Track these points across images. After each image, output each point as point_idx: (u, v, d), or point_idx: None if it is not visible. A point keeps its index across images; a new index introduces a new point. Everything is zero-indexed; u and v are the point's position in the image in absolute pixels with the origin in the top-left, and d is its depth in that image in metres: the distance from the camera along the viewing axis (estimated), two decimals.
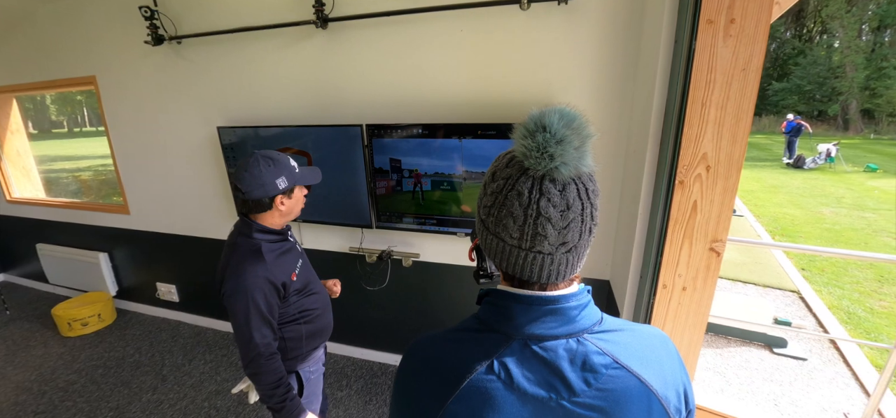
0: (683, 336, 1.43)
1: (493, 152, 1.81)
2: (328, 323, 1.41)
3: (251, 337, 1.11)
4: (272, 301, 1.15)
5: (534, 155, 0.47)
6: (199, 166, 2.51)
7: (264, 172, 1.13)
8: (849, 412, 1.86)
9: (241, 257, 1.14)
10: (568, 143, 0.47)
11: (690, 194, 1.30)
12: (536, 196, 0.48)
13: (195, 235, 2.73)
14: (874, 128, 19.59)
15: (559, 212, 0.48)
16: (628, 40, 1.62)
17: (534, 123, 0.48)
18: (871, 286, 3.56)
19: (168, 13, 2.18)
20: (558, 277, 0.52)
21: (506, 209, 0.50)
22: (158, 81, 2.40)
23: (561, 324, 0.51)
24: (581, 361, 0.49)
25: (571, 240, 0.50)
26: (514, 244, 0.51)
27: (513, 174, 0.50)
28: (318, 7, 1.88)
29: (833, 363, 2.22)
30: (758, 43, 1.15)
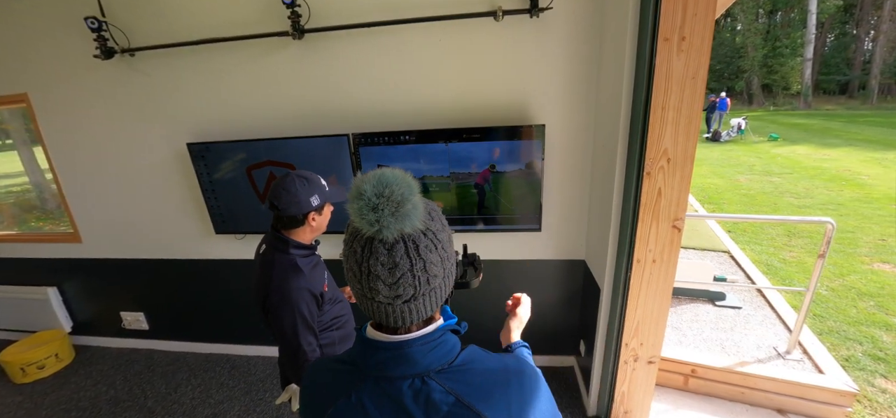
0: (656, 301, 1.69)
1: (478, 154, 1.95)
2: (353, 325, 1.52)
3: (299, 345, 1.20)
4: (313, 310, 1.25)
5: (357, 220, 0.52)
6: (166, 185, 2.37)
7: (300, 191, 1.20)
8: (777, 345, 2.29)
9: (282, 272, 1.21)
10: (381, 210, 0.50)
11: (656, 183, 1.54)
12: (367, 255, 0.53)
13: (165, 257, 2.57)
14: (773, 101, 22.65)
15: (387, 269, 0.52)
16: (591, 48, 1.82)
17: (354, 190, 0.53)
18: (782, 241, 4.26)
19: (118, 24, 2.02)
20: (404, 322, 0.56)
21: (348, 264, 0.56)
22: (111, 97, 2.21)
23: (403, 366, 0.55)
24: (424, 400, 0.53)
25: (405, 294, 0.53)
26: (360, 292, 0.56)
27: (352, 233, 0.56)
28: (295, 18, 1.87)
29: (761, 308, 2.70)
30: (703, 55, 1.40)
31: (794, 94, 22.03)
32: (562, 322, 2.35)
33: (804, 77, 21.01)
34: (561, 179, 2.05)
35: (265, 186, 2.19)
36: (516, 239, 2.19)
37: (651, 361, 1.80)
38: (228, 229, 2.32)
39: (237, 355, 2.72)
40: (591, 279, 2.03)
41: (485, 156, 1.96)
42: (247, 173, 2.17)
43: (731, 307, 2.72)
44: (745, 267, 3.35)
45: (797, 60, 21.20)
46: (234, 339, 2.75)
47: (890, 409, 2.01)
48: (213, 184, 2.23)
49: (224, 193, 2.24)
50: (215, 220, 2.31)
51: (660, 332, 1.74)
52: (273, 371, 2.55)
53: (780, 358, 2.19)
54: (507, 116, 1.96)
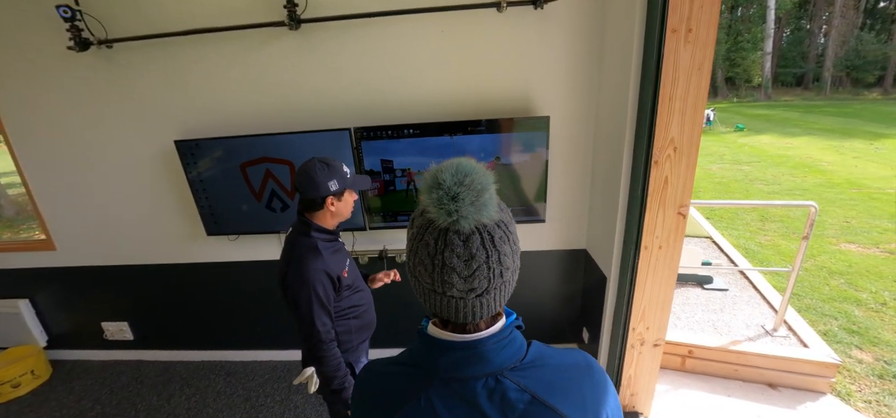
0: (662, 284, 1.74)
1: (483, 146, 1.94)
2: (373, 318, 1.54)
3: (313, 322, 1.25)
4: (329, 292, 1.29)
5: (433, 210, 0.51)
6: (150, 186, 2.23)
7: (318, 175, 1.25)
8: (764, 323, 2.42)
9: (301, 253, 1.26)
10: (462, 200, 0.49)
11: (663, 171, 1.58)
12: (441, 247, 0.51)
13: (150, 263, 2.43)
14: (736, 93, 23.85)
15: (463, 261, 0.51)
16: (592, 41, 1.84)
17: (431, 179, 0.51)
18: (756, 225, 4.51)
19: (94, 14, 1.88)
20: (475, 318, 0.55)
21: (418, 257, 0.54)
22: (88, 93, 2.06)
23: (478, 365, 0.54)
24: (499, 399, 0.52)
25: (479, 287, 0.52)
26: (429, 288, 0.54)
27: (423, 224, 0.53)
28: (291, 7, 1.79)
29: (746, 289, 2.84)
30: (708, 47, 1.44)
31: (755, 87, 23.28)
32: (564, 310, 2.40)
33: (764, 70, 22.25)
34: (563, 170, 2.08)
35: (261, 184, 2.10)
36: (520, 230, 2.20)
37: (656, 344, 1.86)
38: (221, 230, 2.22)
39: (233, 361, 2.62)
40: (595, 267, 2.07)
41: (490, 149, 1.95)
42: (241, 170, 2.08)
43: (719, 289, 2.85)
44: (727, 251, 3.52)
45: (758, 54, 22.40)
46: (229, 345, 2.64)
47: (867, 377, 2.18)
48: (203, 184, 2.12)
49: (216, 193, 2.13)
50: (206, 221, 2.20)
51: (665, 316, 1.80)
52: (271, 375, 2.47)
53: (768, 335, 2.32)
54: (510, 108, 1.96)
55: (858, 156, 7.29)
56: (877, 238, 3.86)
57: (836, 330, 2.55)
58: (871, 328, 2.56)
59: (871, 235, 3.93)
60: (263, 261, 2.37)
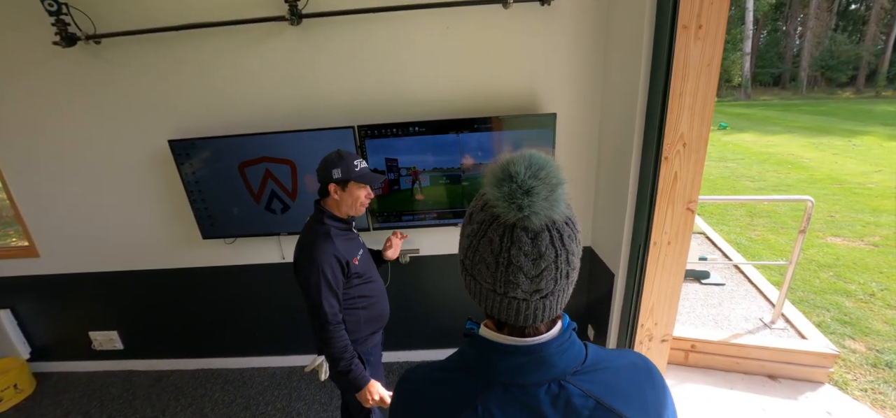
0: (670, 280, 1.75)
1: (490, 145, 1.92)
2: (384, 309, 1.55)
3: (321, 304, 1.29)
4: (338, 275, 1.33)
5: (502, 204, 0.48)
6: (142, 188, 2.14)
7: (328, 162, 1.34)
8: (762, 316, 2.47)
9: (313, 236, 1.34)
10: (536, 194, 0.47)
11: (672, 167, 1.58)
12: (508, 244, 0.48)
13: (142, 268, 2.33)
14: (717, 93, 24.50)
15: (531, 260, 0.48)
16: (598, 37, 1.84)
17: (501, 171, 0.49)
18: (745, 221, 4.62)
19: (81, 7, 1.78)
20: (536, 321, 0.52)
21: (479, 254, 0.51)
22: (74, 91, 1.96)
23: (541, 370, 0.51)
24: (563, 405, 0.49)
25: (546, 288, 0.50)
26: (489, 288, 0.51)
27: (486, 220, 0.50)
28: (292, 1, 1.74)
29: (742, 284, 2.90)
30: (718, 43, 1.45)
31: (735, 86, 23.93)
32: (568, 308, 2.39)
33: (744, 70, 22.89)
34: (568, 167, 2.07)
35: (260, 185, 2.04)
36: None
37: (664, 339, 1.87)
38: (217, 233, 2.14)
39: (230, 369, 2.54)
40: (601, 264, 2.07)
41: (496, 146, 1.94)
42: (239, 171, 2.01)
43: (716, 284, 2.90)
44: (721, 246, 3.59)
45: (737, 54, 23.03)
46: (226, 352, 2.55)
47: (861, 366, 2.24)
48: (199, 185, 2.04)
49: (212, 194, 2.06)
50: (202, 224, 2.12)
51: (672, 311, 1.82)
52: (271, 382, 2.40)
53: (767, 327, 2.37)
54: (516, 105, 1.95)
55: (837, 153, 7.56)
56: (860, 231, 4.00)
57: (830, 322, 2.62)
58: (862, 318, 2.64)
59: (855, 228, 4.07)
60: (262, 265, 2.30)
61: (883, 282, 3.05)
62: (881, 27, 21.07)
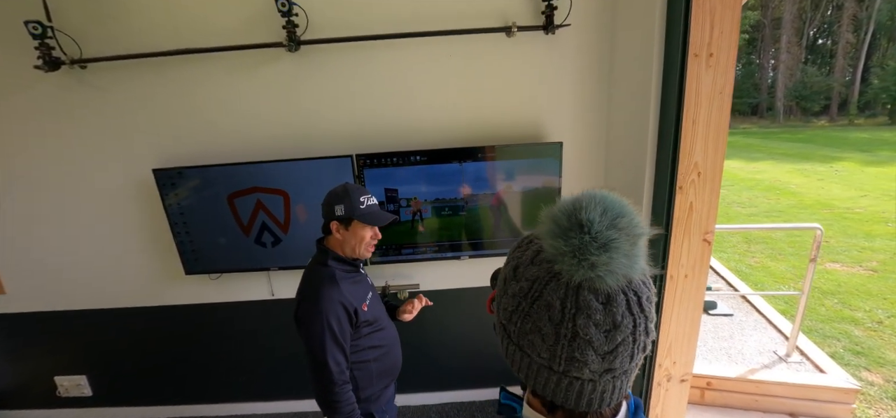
0: (687, 316, 1.66)
1: (495, 173, 1.85)
2: (397, 360, 1.41)
3: (325, 361, 1.13)
4: (345, 326, 1.18)
5: (567, 260, 0.38)
6: (121, 220, 1.99)
7: (332, 197, 1.21)
8: (776, 349, 2.38)
9: (316, 280, 1.19)
10: (616, 249, 0.37)
11: (687, 197, 1.52)
12: (572, 311, 0.38)
13: (116, 306, 2.15)
14: None
15: (603, 332, 0.38)
16: (603, 66, 1.82)
17: (567, 218, 0.39)
18: (742, 248, 4.61)
19: (67, 30, 1.70)
20: (601, 405, 0.42)
21: (531, 321, 0.40)
22: (53, 117, 1.84)
23: None
24: None
25: (620, 367, 0.40)
26: (544, 363, 0.41)
27: (541, 277, 0.40)
28: (291, 28, 1.68)
29: (750, 313, 2.83)
30: (729, 72, 1.42)
31: None
32: None
33: None
34: None
35: (250, 217, 1.91)
36: None
37: (683, 379, 1.76)
38: (202, 268, 1.99)
39: (212, 417, 2.31)
40: None
41: (501, 176, 1.86)
42: (228, 202, 1.89)
43: (724, 315, 2.82)
44: (724, 274, 3.54)
45: None
46: (208, 398, 2.34)
47: (882, 400, 2.14)
48: (184, 217, 1.90)
49: (198, 227, 1.92)
50: (186, 259, 1.97)
51: (692, 348, 1.71)
52: None
53: (783, 361, 2.27)
54: (520, 135, 1.89)
55: (822, 179, 7.75)
56: (857, 257, 4.00)
57: (843, 353, 2.54)
58: (874, 348, 2.57)
59: (851, 254, 4.08)
60: (250, 302, 2.14)
61: (888, 309, 3.01)
62: (848, 60, 22.36)
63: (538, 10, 1.73)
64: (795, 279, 3.64)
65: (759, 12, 24.63)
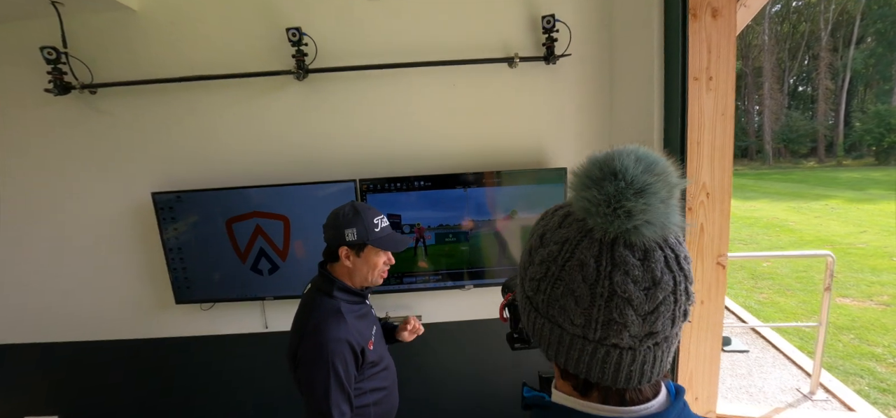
0: (707, 345, 1.57)
1: (500, 199, 1.83)
2: (395, 401, 1.28)
3: (329, 412, 0.98)
4: (351, 369, 1.04)
5: (602, 210, 0.36)
6: (110, 245, 1.93)
7: (341, 219, 1.07)
8: (799, 386, 2.25)
9: (320, 317, 1.03)
10: (653, 194, 0.35)
11: (698, 218, 1.49)
12: (607, 268, 0.36)
13: (97, 339, 2.02)
14: None
15: (642, 290, 0.35)
16: (603, 93, 1.86)
17: (599, 168, 0.37)
18: (749, 284, 4.53)
19: (81, 56, 1.73)
20: (642, 379, 0.38)
21: (563, 285, 0.38)
22: (55, 140, 1.83)
23: None
24: None
25: (661, 330, 0.37)
26: (578, 333, 0.38)
27: (571, 237, 0.38)
28: (300, 56, 1.72)
29: (766, 349, 2.70)
30: (729, 93, 1.45)
31: None
32: None
33: None
34: None
35: (248, 243, 1.85)
36: None
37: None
38: (193, 297, 1.90)
39: None
40: None
41: (507, 202, 1.84)
42: (226, 227, 1.84)
43: (740, 351, 2.69)
44: (735, 310, 3.43)
45: None
46: None
47: None
48: (179, 242, 1.84)
49: (192, 252, 1.86)
50: (177, 287, 1.88)
51: (714, 382, 1.61)
52: None
53: (808, 399, 2.14)
54: (524, 161, 1.90)
55: (819, 216, 7.80)
56: (867, 291, 3.93)
57: (868, 390, 2.41)
58: None
59: (861, 288, 4.00)
60: (241, 335, 2.03)
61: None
62: (830, 105, 23.36)
63: (539, 42, 1.78)
64: (806, 314, 3.54)
65: (740, 63, 26.09)
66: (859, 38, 15.64)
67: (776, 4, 16.72)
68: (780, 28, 22.23)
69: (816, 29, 18.77)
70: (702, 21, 1.42)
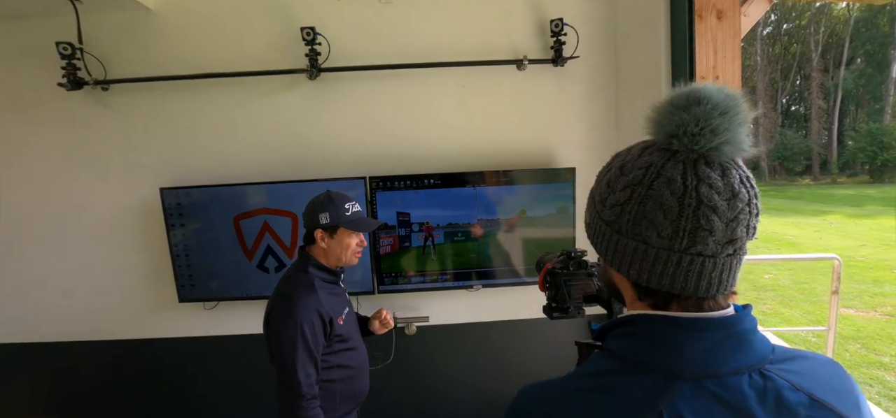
0: None
1: (509, 198, 1.84)
2: (364, 385, 1.34)
3: (295, 373, 1.08)
4: (319, 336, 1.13)
5: (690, 130, 0.39)
6: (116, 242, 1.91)
7: (316, 205, 1.19)
8: None
9: (293, 287, 1.15)
10: (735, 115, 0.39)
11: None
12: (693, 181, 0.39)
13: (96, 339, 1.98)
14: None
15: (725, 200, 0.39)
16: (608, 95, 1.90)
17: (685, 97, 0.41)
18: (751, 295, 4.52)
19: (96, 52, 1.75)
20: (719, 289, 0.41)
21: (652, 201, 0.41)
22: (64, 136, 1.84)
23: (742, 354, 0.40)
24: (773, 401, 0.38)
25: (739, 238, 0.40)
26: (664, 245, 0.41)
27: (655, 161, 0.42)
28: (313, 56, 1.75)
29: None
30: None
31: None
32: None
33: None
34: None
35: (255, 240, 1.85)
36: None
37: None
38: (197, 296, 1.88)
39: None
40: None
41: (514, 201, 1.85)
42: (234, 224, 1.83)
43: None
44: None
45: None
46: None
47: None
48: (186, 239, 1.83)
49: (198, 249, 1.85)
50: (182, 285, 1.86)
51: None
52: None
53: None
54: (533, 161, 1.91)
55: (818, 230, 7.86)
56: (870, 302, 3.92)
57: (878, 398, 2.38)
58: None
59: (864, 299, 4.00)
60: (243, 336, 1.99)
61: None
62: (823, 123, 23.77)
63: (547, 45, 1.83)
64: (810, 324, 3.52)
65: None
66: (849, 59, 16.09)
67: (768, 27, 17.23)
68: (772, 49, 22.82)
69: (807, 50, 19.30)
70: (707, 23, 1.46)
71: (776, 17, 16.65)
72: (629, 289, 0.47)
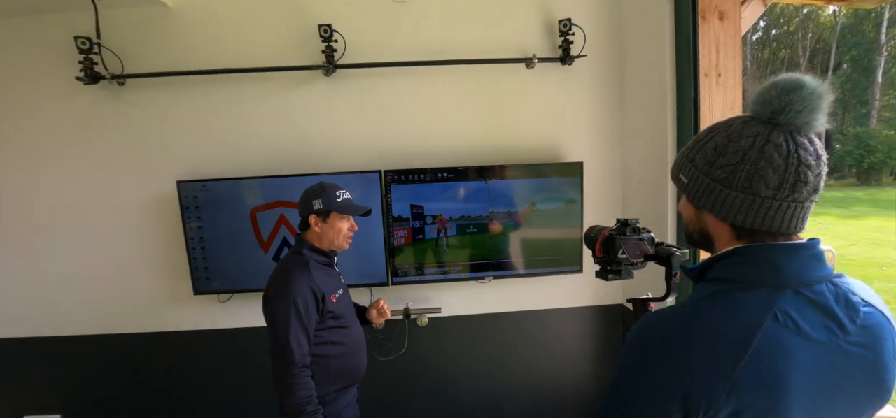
0: None
1: (519, 191, 1.89)
2: (359, 363, 1.38)
3: (288, 341, 1.14)
4: (311, 309, 1.20)
5: (795, 108, 0.53)
6: (132, 235, 1.93)
7: (310, 193, 1.28)
8: None
9: (289, 265, 1.25)
10: (825, 98, 0.53)
11: None
12: (793, 146, 0.53)
13: (107, 333, 1.99)
14: None
15: (815, 159, 0.53)
16: (615, 92, 1.97)
17: (790, 83, 0.54)
18: None
19: (113, 47, 1.78)
20: (801, 226, 0.56)
21: (764, 160, 0.53)
22: (82, 130, 1.86)
23: (819, 268, 0.54)
24: (844, 302, 0.53)
25: (820, 188, 0.55)
26: (770, 195, 0.54)
27: (762, 132, 0.55)
28: (329, 52, 1.80)
29: None
30: (737, 90, 1.55)
31: None
32: (600, 381, 2.16)
33: None
34: (596, 218, 2.03)
35: (271, 232, 1.88)
36: (555, 282, 2.05)
37: None
38: (212, 288, 1.90)
39: None
40: None
41: (524, 194, 1.90)
42: (250, 217, 1.86)
43: None
44: None
45: None
46: None
47: None
48: (202, 231, 1.86)
49: (214, 242, 1.87)
50: (197, 278, 1.89)
51: None
52: None
53: None
54: (541, 155, 1.97)
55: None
56: None
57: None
58: None
59: None
60: (257, 329, 2.01)
61: None
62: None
63: (555, 44, 1.89)
64: None
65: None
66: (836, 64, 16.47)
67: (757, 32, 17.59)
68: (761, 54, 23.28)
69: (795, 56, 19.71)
70: (710, 23, 1.53)
71: (765, 23, 17.02)
72: (727, 232, 0.59)
